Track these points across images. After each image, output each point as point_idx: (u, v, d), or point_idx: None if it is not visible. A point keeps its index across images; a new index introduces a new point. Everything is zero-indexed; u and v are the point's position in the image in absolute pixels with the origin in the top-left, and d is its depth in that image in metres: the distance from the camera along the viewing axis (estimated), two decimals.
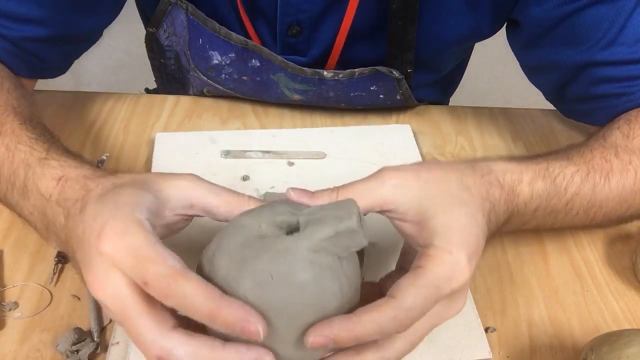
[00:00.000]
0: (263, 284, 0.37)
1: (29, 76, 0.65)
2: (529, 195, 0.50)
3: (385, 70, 0.69)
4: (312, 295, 0.37)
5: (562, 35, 0.63)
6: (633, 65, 0.61)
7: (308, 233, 0.39)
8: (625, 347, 0.44)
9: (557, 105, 0.73)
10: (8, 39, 0.60)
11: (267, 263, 0.37)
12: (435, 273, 0.39)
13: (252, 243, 0.39)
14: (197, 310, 0.35)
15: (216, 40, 0.70)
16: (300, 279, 0.37)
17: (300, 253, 0.38)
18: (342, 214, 0.39)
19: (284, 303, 0.37)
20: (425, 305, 0.38)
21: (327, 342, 0.36)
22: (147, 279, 0.36)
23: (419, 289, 0.38)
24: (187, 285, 0.35)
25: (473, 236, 0.42)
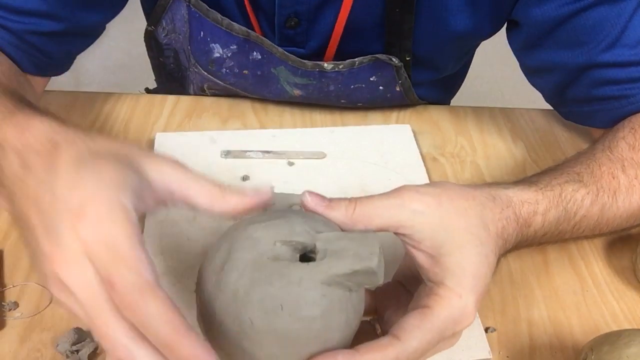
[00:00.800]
0: (271, 312, 0.36)
1: (35, 72, 0.65)
2: (540, 224, 0.50)
3: (384, 57, 0.69)
4: (318, 328, 0.37)
5: (563, 36, 0.63)
6: (634, 67, 0.61)
7: (325, 266, 0.38)
8: (625, 347, 0.44)
9: (557, 107, 0.73)
10: (13, 32, 0.60)
11: (279, 290, 0.36)
12: (442, 317, 0.40)
13: (265, 265, 0.38)
14: (155, 334, 0.33)
15: (218, 32, 0.70)
16: (310, 313, 0.37)
17: (314, 286, 0.37)
18: (362, 252, 0.38)
19: (289, 333, 0.36)
20: (427, 348, 0.39)
21: None
22: (116, 283, 0.34)
23: (424, 333, 0.39)
24: (154, 304, 0.33)
25: (483, 279, 0.42)
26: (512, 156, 0.73)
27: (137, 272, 0.34)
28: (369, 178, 0.67)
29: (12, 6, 0.59)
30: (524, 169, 0.71)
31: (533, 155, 0.73)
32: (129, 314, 0.34)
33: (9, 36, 0.60)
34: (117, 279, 0.34)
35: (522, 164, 0.71)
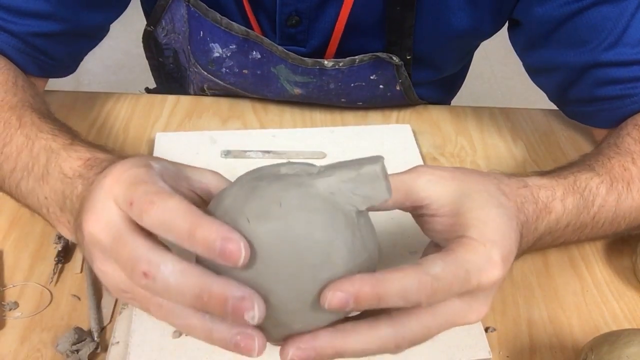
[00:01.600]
0: (268, 208, 0.34)
1: (39, 74, 0.65)
2: (561, 211, 0.49)
3: (385, 56, 0.69)
4: (320, 235, 0.34)
5: (564, 36, 0.63)
6: (636, 66, 0.61)
7: (327, 173, 0.36)
8: (625, 347, 0.44)
9: (561, 106, 0.73)
10: (16, 35, 0.60)
11: (278, 190, 0.35)
12: (466, 258, 0.37)
13: (266, 176, 0.36)
14: (176, 227, 0.33)
15: (217, 31, 0.70)
16: (310, 211, 0.34)
17: (315, 188, 0.35)
18: (366, 161, 0.36)
19: (288, 235, 0.33)
20: (452, 282, 0.35)
21: (347, 300, 0.33)
22: (134, 198, 0.34)
23: (447, 264, 0.36)
24: (170, 201, 0.33)
25: (508, 237, 0.40)
26: (512, 156, 0.73)
27: (154, 184, 0.35)
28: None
29: (14, 7, 0.59)
30: (524, 169, 0.71)
31: (533, 155, 0.73)
32: (148, 218, 0.34)
33: (11, 40, 0.60)
34: (135, 195, 0.35)
35: (522, 164, 0.71)
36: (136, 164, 0.37)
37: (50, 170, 0.47)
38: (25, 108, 0.54)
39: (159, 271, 0.33)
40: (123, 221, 0.35)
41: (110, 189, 0.36)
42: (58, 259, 0.55)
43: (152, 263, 0.33)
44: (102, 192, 0.37)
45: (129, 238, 0.35)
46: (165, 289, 0.33)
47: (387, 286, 0.34)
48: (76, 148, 0.48)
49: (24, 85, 0.59)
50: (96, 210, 0.37)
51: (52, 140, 0.49)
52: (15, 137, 0.51)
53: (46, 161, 0.48)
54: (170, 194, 0.34)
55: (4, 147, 0.51)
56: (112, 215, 0.36)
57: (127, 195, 0.35)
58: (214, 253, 0.32)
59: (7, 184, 0.51)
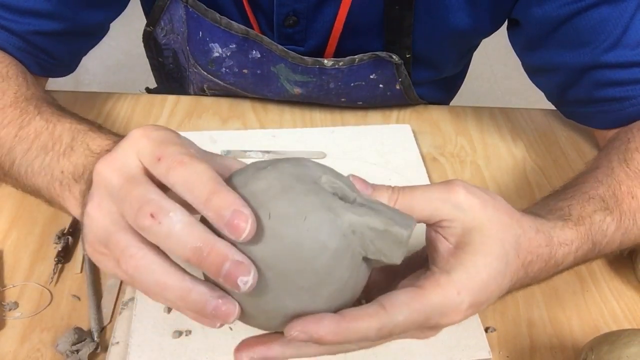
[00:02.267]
0: (292, 217, 0.35)
1: (39, 73, 0.65)
2: (571, 263, 0.48)
3: (384, 55, 0.69)
4: (323, 265, 0.35)
5: (564, 36, 0.63)
6: (636, 68, 0.61)
7: (360, 211, 0.36)
8: (625, 347, 0.44)
9: (559, 106, 0.73)
10: (17, 33, 0.61)
11: (309, 205, 0.35)
12: (433, 303, 0.38)
13: (307, 182, 0.36)
14: (196, 189, 0.34)
15: (217, 31, 0.70)
16: (327, 238, 0.35)
17: (341, 220, 0.36)
18: (399, 220, 0.37)
19: (296, 250, 0.35)
20: (409, 327, 0.38)
21: (308, 340, 0.35)
22: (164, 154, 0.35)
23: (411, 312, 0.37)
24: (199, 164, 0.34)
25: (488, 294, 0.40)
26: (512, 156, 0.73)
27: (187, 148, 0.36)
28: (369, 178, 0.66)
29: (15, 6, 0.59)
30: (524, 169, 0.71)
31: (533, 155, 0.73)
32: (174, 174, 0.34)
33: (13, 38, 0.60)
34: (165, 152, 0.35)
35: (522, 164, 0.71)
36: (162, 128, 0.38)
37: (75, 147, 0.47)
38: (41, 101, 0.54)
39: (167, 216, 0.33)
40: (139, 169, 0.36)
41: (136, 142, 0.37)
42: (58, 259, 0.55)
43: (163, 208, 0.34)
44: (126, 142, 0.37)
45: (143, 180, 0.35)
46: (168, 234, 0.33)
47: (349, 334, 0.36)
48: (104, 131, 0.48)
49: (33, 82, 0.59)
50: (115, 155, 0.37)
51: (78, 123, 0.50)
52: (33, 122, 0.51)
53: (71, 140, 0.48)
54: (201, 160, 0.35)
55: (19, 131, 0.51)
56: (130, 162, 0.36)
57: (155, 151, 0.36)
58: (222, 221, 0.33)
59: (17, 165, 0.51)
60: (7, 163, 0.52)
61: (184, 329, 0.50)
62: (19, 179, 0.51)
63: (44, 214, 0.59)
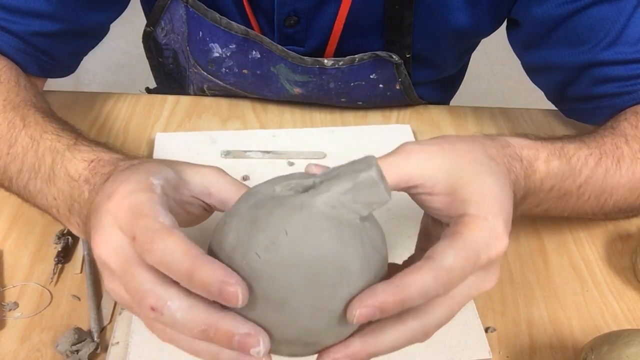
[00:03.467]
0: (276, 240, 0.34)
1: (39, 74, 0.65)
2: (545, 172, 0.49)
3: (384, 54, 0.69)
4: (332, 254, 0.34)
5: (563, 35, 0.63)
6: (635, 64, 0.61)
7: (324, 188, 0.36)
8: (625, 347, 0.44)
9: (559, 105, 0.73)
10: (17, 34, 0.61)
11: (280, 218, 0.35)
12: (473, 238, 0.38)
13: (265, 203, 0.36)
14: (175, 267, 0.33)
15: (217, 31, 0.70)
16: (317, 233, 0.34)
17: (317, 207, 0.35)
18: (360, 167, 0.36)
19: (300, 260, 0.34)
20: (465, 268, 0.36)
21: (374, 313, 0.34)
22: (136, 233, 0.35)
23: (457, 251, 0.36)
24: (170, 240, 0.34)
25: (506, 203, 0.41)
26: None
27: (153, 220, 0.35)
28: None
29: (15, 7, 0.59)
30: None
31: None
32: (151, 257, 0.34)
33: (12, 39, 0.60)
34: (136, 230, 0.35)
35: None
36: (138, 186, 0.38)
37: (56, 171, 0.48)
38: (28, 107, 0.54)
39: (166, 306, 0.34)
40: (130, 249, 0.36)
41: (115, 215, 0.37)
42: (58, 259, 0.55)
43: (160, 298, 0.34)
44: (108, 217, 0.38)
45: (136, 270, 0.35)
46: (173, 323, 0.34)
47: (407, 291, 0.35)
48: (80, 148, 0.48)
49: (26, 85, 0.59)
50: (104, 234, 0.37)
51: (57, 141, 0.50)
52: (20, 138, 0.51)
53: (52, 162, 0.48)
54: (170, 232, 0.35)
55: (10, 149, 0.51)
56: (119, 242, 0.37)
57: (129, 228, 0.36)
58: (212, 296, 0.33)
59: (15, 184, 0.52)
60: (5, 181, 0.53)
61: None
62: (21, 196, 0.53)
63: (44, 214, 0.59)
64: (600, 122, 0.66)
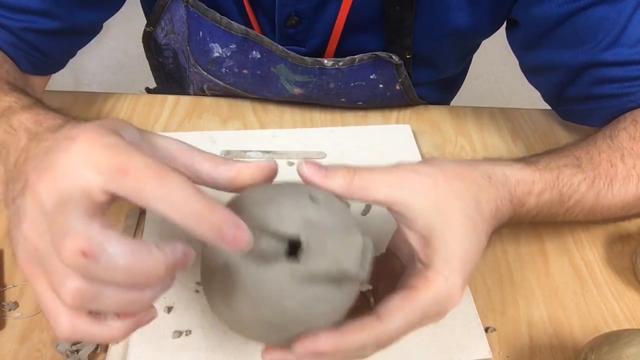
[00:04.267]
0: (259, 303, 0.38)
1: (31, 71, 0.65)
2: (534, 205, 0.50)
3: (384, 55, 0.69)
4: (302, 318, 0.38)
5: (562, 35, 0.63)
6: (634, 65, 0.61)
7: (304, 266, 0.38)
8: (625, 347, 0.44)
9: (556, 106, 0.73)
10: (10, 30, 0.61)
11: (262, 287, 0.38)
12: (427, 299, 0.40)
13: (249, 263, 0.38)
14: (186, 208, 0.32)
15: (217, 31, 0.70)
16: (291, 305, 0.38)
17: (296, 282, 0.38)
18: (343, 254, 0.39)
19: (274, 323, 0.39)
20: (408, 329, 0.40)
21: (312, 355, 0.38)
22: (128, 166, 0.32)
23: (406, 314, 0.39)
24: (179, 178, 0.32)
25: (471, 261, 0.42)
26: (512, 156, 0.72)
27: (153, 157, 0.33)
28: None
29: (10, 4, 0.60)
30: None
31: None
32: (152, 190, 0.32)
33: (6, 35, 0.61)
34: (130, 163, 0.32)
35: None
36: (108, 132, 0.35)
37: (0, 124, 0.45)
38: (2, 82, 0.53)
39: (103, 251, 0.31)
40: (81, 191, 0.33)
41: (87, 155, 0.33)
42: None
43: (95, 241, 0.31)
44: (74, 156, 0.34)
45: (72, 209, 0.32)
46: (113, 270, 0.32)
47: (347, 345, 0.38)
48: (34, 107, 0.46)
49: (8, 70, 0.59)
50: (57, 172, 0.34)
51: (15, 102, 0.48)
52: None
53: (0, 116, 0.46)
54: (174, 170, 0.33)
55: None
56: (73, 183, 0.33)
57: (115, 162, 0.33)
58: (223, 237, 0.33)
59: None
60: None
61: (184, 329, 0.50)
62: None
63: None
64: (598, 123, 0.66)
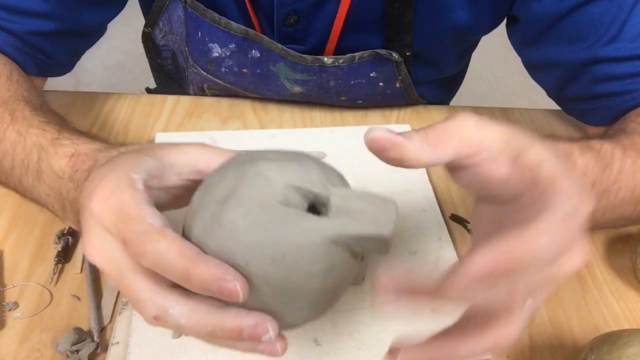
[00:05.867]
0: (270, 258, 0.34)
1: (37, 73, 0.65)
2: (583, 165, 0.47)
3: (384, 52, 0.69)
4: (314, 287, 0.35)
5: (562, 31, 0.63)
6: (635, 61, 0.61)
7: (336, 223, 0.35)
8: (625, 347, 0.44)
9: (560, 103, 0.73)
10: (14, 33, 0.61)
11: (282, 238, 0.34)
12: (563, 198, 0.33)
13: (273, 208, 0.35)
14: (171, 269, 0.33)
15: (216, 31, 0.70)
16: (310, 268, 0.35)
17: (321, 242, 0.35)
18: (379, 217, 0.35)
19: (283, 284, 0.35)
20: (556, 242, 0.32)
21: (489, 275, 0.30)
22: (126, 237, 0.34)
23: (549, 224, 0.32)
24: (162, 242, 0.33)
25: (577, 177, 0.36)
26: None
27: (141, 222, 0.34)
28: (369, 178, 0.67)
29: (12, 6, 0.60)
30: None
31: None
32: (145, 260, 0.34)
33: (10, 38, 0.61)
34: (126, 234, 0.34)
35: None
36: (118, 184, 0.36)
37: (42, 168, 0.48)
38: (18, 102, 0.55)
39: (168, 314, 0.34)
40: (122, 253, 0.35)
41: (100, 218, 0.36)
42: (58, 259, 0.55)
43: (160, 307, 0.34)
44: (93, 221, 0.36)
45: (132, 278, 0.35)
46: (179, 328, 0.34)
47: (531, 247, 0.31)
48: (62, 142, 0.48)
49: (18, 80, 0.59)
50: (92, 240, 0.36)
51: (41, 136, 0.50)
52: (7, 133, 0.52)
53: (37, 159, 0.49)
54: (161, 234, 0.34)
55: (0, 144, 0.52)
56: (110, 247, 0.36)
57: (118, 232, 0.35)
58: (213, 294, 0.33)
59: (11, 180, 0.52)
60: (2, 176, 0.53)
61: None
62: (19, 192, 0.53)
63: (44, 214, 0.59)
64: (601, 122, 0.66)
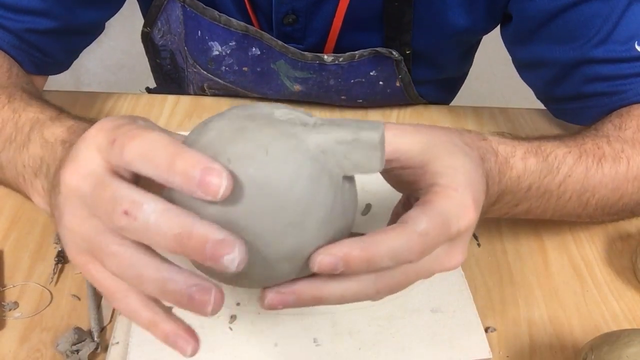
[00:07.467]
0: (253, 154, 0.32)
1: (34, 71, 0.65)
2: (522, 169, 0.49)
3: (384, 51, 0.69)
4: (301, 193, 0.33)
5: (554, 31, 0.63)
6: (625, 63, 0.61)
7: (323, 129, 0.34)
8: (625, 347, 0.44)
9: (548, 104, 0.73)
10: (11, 31, 0.61)
11: (267, 136, 0.33)
12: (444, 206, 0.37)
13: (258, 118, 0.34)
14: (155, 158, 0.32)
15: (216, 29, 0.70)
16: (295, 167, 0.33)
17: (307, 144, 0.33)
18: (365, 126, 0.34)
19: (268, 186, 0.32)
20: (437, 234, 0.36)
21: (337, 264, 0.33)
22: (116, 136, 0.34)
23: (430, 217, 0.36)
24: (151, 134, 0.33)
25: (476, 183, 0.40)
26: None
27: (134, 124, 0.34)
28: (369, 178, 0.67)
29: (10, 4, 0.60)
30: None
31: None
32: (130, 152, 0.33)
33: (8, 37, 0.61)
34: (117, 133, 0.34)
35: None
36: (119, 118, 0.36)
37: (32, 138, 0.47)
38: (17, 89, 0.55)
39: (141, 209, 0.32)
40: (105, 169, 0.34)
41: (93, 138, 0.35)
42: (58, 259, 0.55)
43: (135, 202, 0.32)
44: (84, 143, 0.36)
45: (110, 181, 0.34)
46: (145, 227, 0.32)
47: (377, 249, 0.34)
48: (62, 118, 0.49)
49: (18, 73, 0.59)
50: (77, 160, 0.36)
51: (40, 113, 0.50)
52: (2, 112, 0.51)
53: (29, 130, 0.48)
54: (151, 129, 0.33)
55: None
56: (94, 164, 0.35)
57: (109, 137, 0.34)
58: (192, 183, 0.31)
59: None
60: None
61: None
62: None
63: (44, 214, 0.59)
64: (589, 122, 0.66)
